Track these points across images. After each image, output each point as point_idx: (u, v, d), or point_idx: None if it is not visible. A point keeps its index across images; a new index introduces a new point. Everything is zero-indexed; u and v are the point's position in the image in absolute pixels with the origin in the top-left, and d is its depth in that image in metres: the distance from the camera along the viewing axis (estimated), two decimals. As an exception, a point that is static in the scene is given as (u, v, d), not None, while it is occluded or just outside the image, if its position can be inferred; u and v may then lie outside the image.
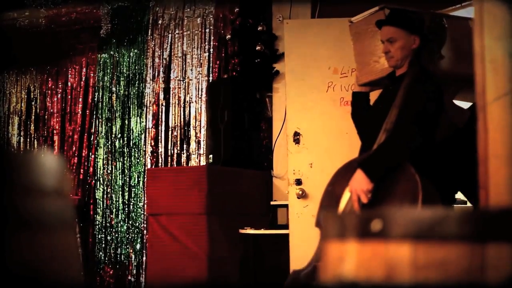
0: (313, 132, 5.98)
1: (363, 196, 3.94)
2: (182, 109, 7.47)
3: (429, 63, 4.36)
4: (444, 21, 4.43)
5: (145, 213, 7.41)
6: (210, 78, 7.34)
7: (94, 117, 8.00)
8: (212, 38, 7.40)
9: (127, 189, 7.68)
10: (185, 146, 7.44)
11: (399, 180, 3.91)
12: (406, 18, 4.36)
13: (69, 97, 8.21)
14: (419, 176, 3.79)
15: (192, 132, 7.40)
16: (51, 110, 8.33)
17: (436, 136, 4.38)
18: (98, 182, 7.86)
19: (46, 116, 8.39)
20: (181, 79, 7.51)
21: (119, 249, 7.67)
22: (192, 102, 7.45)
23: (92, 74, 8.09)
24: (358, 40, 5.08)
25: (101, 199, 7.82)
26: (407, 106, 4.08)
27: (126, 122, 7.78)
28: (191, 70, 7.47)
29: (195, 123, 7.40)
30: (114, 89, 7.91)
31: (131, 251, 7.58)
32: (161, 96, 7.60)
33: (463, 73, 4.70)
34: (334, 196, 4.13)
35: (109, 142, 7.84)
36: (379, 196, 3.94)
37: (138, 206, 7.59)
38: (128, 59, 7.84)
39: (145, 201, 7.29)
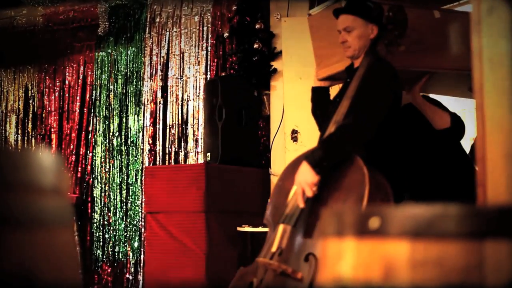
0: (311, 130, 5.97)
1: (308, 189, 3.77)
2: (179, 107, 7.47)
3: (387, 54, 4.21)
4: (405, 11, 4.27)
5: (143, 211, 7.42)
6: (208, 76, 7.34)
7: (92, 115, 8.00)
8: (209, 36, 7.40)
9: (125, 187, 7.68)
10: (183, 144, 7.44)
11: (347, 173, 3.76)
12: (364, 6, 4.23)
13: (67, 95, 8.21)
14: (367, 169, 3.65)
15: (190, 130, 7.40)
16: (49, 108, 8.33)
17: (406, 136, 4.32)
18: (96, 180, 7.86)
19: (43, 114, 8.38)
20: (179, 77, 7.51)
21: (117, 247, 7.67)
22: (190, 100, 7.45)
23: (89, 72, 8.09)
24: (316, 33, 4.98)
25: (99, 197, 7.82)
26: (359, 97, 3.96)
27: (124, 120, 7.78)
28: (189, 68, 7.47)
29: (193, 121, 7.41)
30: (111, 87, 7.91)
31: (129, 249, 7.59)
32: (159, 94, 7.60)
33: (426, 65, 4.69)
34: (284, 190, 3.97)
35: (107, 140, 7.84)
36: (326, 189, 3.80)
37: (136, 204, 7.60)
38: (125, 57, 7.84)
39: (143, 199, 7.30)
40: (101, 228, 7.78)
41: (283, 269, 3.61)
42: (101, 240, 7.77)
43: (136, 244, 7.54)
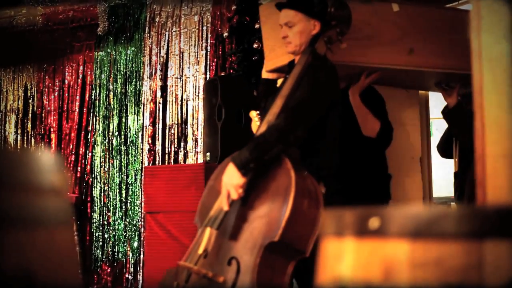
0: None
1: (233, 191, 3.63)
2: (179, 107, 7.47)
3: (327, 50, 4.07)
4: (349, 7, 4.12)
5: (142, 211, 7.42)
6: (208, 76, 7.34)
7: (91, 115, 8.00)
8: (209, 35, 7.41)
9: (124, 187, 7.68)
10: (182, 144, 7.45)
11: (275, 176, 3.62)
12: (306, 1, 4.08)
13: (66, 95, 8.21)
14: (295, 172, 3.52)
15: (190, 130, 7.40)
16: (48, 108, 8.33)
17: (345, 141, 4.20)
18: (95, 180, 7.86)
19: (43, 114, 8.39)
20: (178, 77, 7.52)
21: (116, 247, 7.67)
22: (189, 100, 7.45)
23: (89, 72, 8.09)
24: (266, 23, 4.88)
25: (99, 197, 7.82)
26: (292, 97, 3.81)
27: (124, 120, 7.78)
28: (188, 67, 7.47)
29: (192, 121, 7.41)
30: (111, 86, 7.91)
31: (128, 249, 7.59)
32: (158, 94, 7.60)
33: (376, 61, 4.61)
34: (214, 191, 3.85)
35: (106, 140, 7.84)
36: (254, 191, 3.67)
37: (135, 204, 7.60)
38: (125, 57, 7.84)
39: (143, 199, 7.30)
40: (101, 228, 7.78)
41: (203, 273, 3.58)
42: (101, 240, 7.77)
43: (135, 244, 7.55)
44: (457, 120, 5.06)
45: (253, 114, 4.52)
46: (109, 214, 7.75)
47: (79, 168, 7.96)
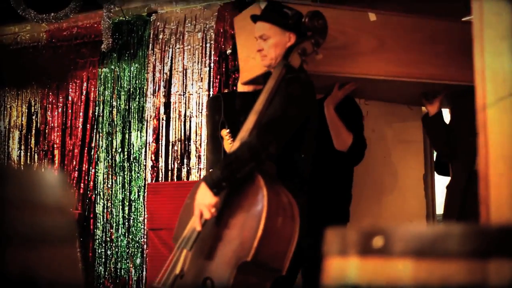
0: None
1: (206, 211, 3.59)
2: (182, 123, 7.47)
3: (303, 63, 3.99)
4: (324, 17, 4.04)
5: (145, 227, 7.40)
6: (211, 93, 7.34)
7: (95, 131, 8.00)
8: (212, 52, 7.41)
9: (127, 203, 7.67)
10: (185, 160, 7.44)
11: (248, 194, 3.56)
12: (280, 13, 4.02)
13: (70, 111, 8.21)
14: (268, 189, 3.46)
15: (193, 147, 7.40)
16: (52, 124, 8.33)
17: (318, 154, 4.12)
18: (98, 197, 7.85)
19: (46, 130, 8.39)
20: (182, 93, 7.52)
21: (119, 264, 7.65)
22: (193, 117, 7.45)
23: (93, 88, 8.09)
24: (240, 34, 4.82)
25: (101, 214, 7.81)
26: (265, 112, 3.74)
27: (127, 136, 7.78)
28: (192, 84, 7.47)
29: (196, 137, 7.40)
30: (114, 103, 7.91)
31: (131, 265, 7.57)
32: (162, 110, 7.60)
33: (352, 71, 4.52)
34: (191, 210, 3.78)
35: (110, 156, 7.84)
36: (228, 210, 3.62)
37: (138, 220, 7.58)
38: (128, 74, 7.85)
39: (145, 216, 7.29)
40: (103, 245, 7.76)
41: None
42: (103, 256, 7.75)
43: (138, 261, 7.53)
44: (435, 129, 5.03)
45: (224, 133, 4.49)
46: (112, 230, 7.73)
47: (82, 184, 7.95)
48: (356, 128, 4.89)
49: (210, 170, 3.70)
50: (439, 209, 6.39)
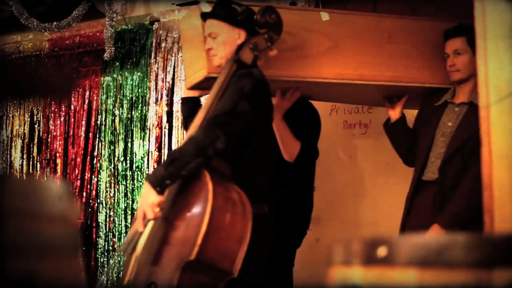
0: (317, 155, 5.97)
1: (149, 211, 3.41)
2: (185, 132, 7.47)
3: (256, 58, 3.84)
4: (278, 13, 3.89)
5: (147, 236, 7.39)
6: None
7: (97, 140, 8.00)
8: (215, 61, 7.42)
9: (129, 212, 7.66)
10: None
11: (194, 191, 3.39)
12: (230, 10, 3.89)
13: (72, 120, 8.22)
14: (214, 184, 3.30)
15: (195, 155, 7.39)
16: (54, 133, 8.34)
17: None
18: (101, 205, 7.85)
19: (49, 139, 8.39)
20: (184, 102, 7.52)
21: (121, 273, 7.64)
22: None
23: (95, 97, 8.10)
24: (184, 37, 4.67)
25: (104, 223, 7.80)
26: (215, 107, 3.62)
27: (129, 145, 7.78)
28: (194, 93, 7.48)
29: (198, 146, 7.40)
30: (117, 112, 7.91)
31: (133, 274, 7.56)
32: (164, 119, 7.60)
33: (299, 75, 4.33)
34: None
35: (112, 165, 7.83)
36: (175, 210, 3.46)
37: (140, 229, 7.57)
38: (131, 82, 7.85)
39: (148, 225, 7.29)
40: (106, 254, 7.76)
41: None
42: (106, 266, 7.74)
43: (140, 270, 7.52)
44: (396, 136, 4.83)
45: None
46: (114, 239, 7.72)
47: (84, 193, 7.95)
48: (306, 135, 4.71)
49: (155, 168, 3.54)
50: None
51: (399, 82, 4.56)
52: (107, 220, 7.79)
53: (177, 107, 7.52)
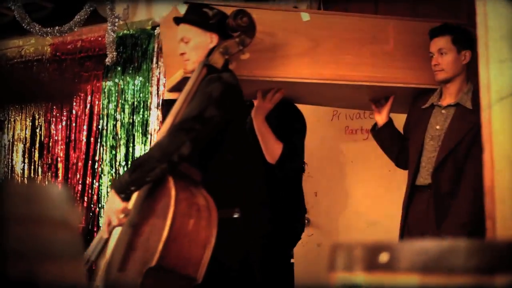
0: (318, 160, 5.97)
1: (114, 217, 3.38)
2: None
3: (227, 62, 3.80)
4: (251, 16, 3.85)
5: (149, 241, 7.39)
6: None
7: (99, 144, 8.00)
8: (216, 66, 7.42)
9: (131, 217, 7.66)
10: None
11: (159, 197, 3.36)
12: (200, 14, 3.84)
13: (74, 124, 8.22)
14: (176, 189, 3.27)
15: (197, 160, 7.39)
16: (56, 138, 8.34)
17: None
18: (102, 210, 7.84)
19: (50, 144, 8.39)
20: (186, 107, 7.52)
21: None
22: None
23: (97, 102, 8.10)
24: (165, 38, 4.64)
25: (105, 227, 7.80)
26: (183, 112, 3.58)
27: (131, 149, 7.77)
28: (196, 98, 7.48)
29: (200, 151, 7.40)
30: (118, 116, 7.91)
31: (134, 279, 7.55)
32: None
33: (279, 75, 4.26)
34: None
35: (114, 170, 7.83)
36: (141, 216, 3.42)
37: (142, 234, 7.57)
38: (133, 87, 7.85)
39: (149, 229, 7.28)
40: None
41: None
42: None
43: (142, 274, 7.51)
44: (385, 141, 4.73)
45: None
46: (115, 244, 7.72)
47: (85, 198, 7.94)
48: (289, 136, 4.62)
49: (120, 174, 3.50)
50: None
51: (382, 82, 4.47)
52: (109, 224, 7.78)
53: (178, 112, 7.53)
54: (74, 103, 8.23)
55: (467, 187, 4.12)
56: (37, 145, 8.51)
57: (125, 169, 7.71)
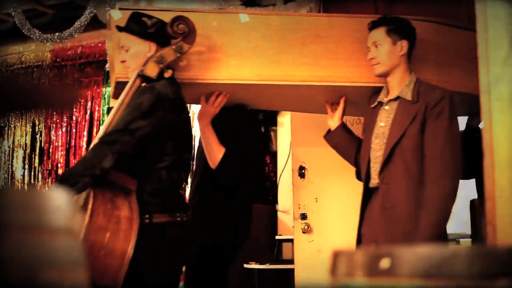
0: (319, 166, 5.95)
1: None
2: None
3: (161, 73, 3.77)
4: (188, 22, 3.84)
5: (149, 247, 7.39)
6: (215, 112, 7.34)
7: (99, 150, 8.00)
8: (217, 72, 7.43)
9: (131, 223, 7.66)
10: (190, 179, 7.43)
11: (82, 210, 3.28)
12: (139, 23, 3.86)
13: (74, 130, 8.23)
14: (93, 204, 3.24)
15: (197, 166, 7.39)
16: (56, 144, 8.34)
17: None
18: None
19: (50, 150, 8.40)
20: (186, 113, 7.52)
21: (123, 283, 7.63)
22: (196, 136, 7.44)
23: (97, 108, 8.11)
24: (110, 45, 4.59)
25: (105, 233, 7.80)
26: (112, 124, 3.56)
27: (131, 155, 7.78)
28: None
29: (200, 157, 7.40)
30: (119, 122, 7.91)
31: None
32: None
33: (210, 79, 4.19)
34: None
35: (114, 176, 7.83)
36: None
37: (142, 240, 7.57)
38: (133, 93, 7.86)
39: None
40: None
41: None
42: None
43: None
44: (339, 144, 4.53)
45: None
46: (115, 250, 7.72)
47: (86, 203, 7.95)
48: (232, 140, 4.50)
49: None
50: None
51: (324, 82, 4.31)
52: (109, 230, 7.79)
53: (179, 117, 7.53)
54: (74, 109, 8.24)
55: (431, 187, 3.90)
56: (37, 151, 8.52)
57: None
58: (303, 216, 5.79)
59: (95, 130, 8.07)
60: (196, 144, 4.65)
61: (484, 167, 2.08)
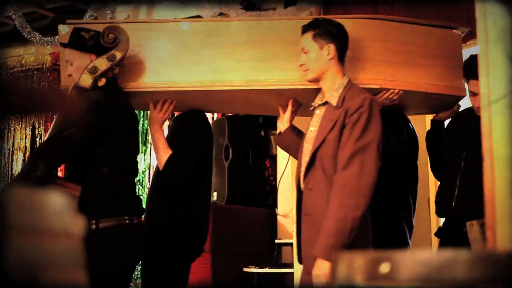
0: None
1: None
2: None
3: (94, 82, 3.91)
4: (119, 30, 4.00)
5: (148, 250, 7.38)
6: (215, 116, 7.34)
7: (99, 154, 8.00)
8: (217, 75, 7.42)
9: (131, 226, 7.66)
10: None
11: None
12: (78, 37, 4.02)
13: (74, 133, 8.23)
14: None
15: (197, 170, 7.39)
16: (56, 147, 8.34)
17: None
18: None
19: (50, 153, 8.39)
20: (186, 116, 7.52)
21: (122, 287, 7.63)
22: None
23: (97, 111, 8.10)
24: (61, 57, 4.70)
25: (105, 236, 7.80)
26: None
27: (131, 159, 7.78)
28: (196, 107, 7.48)
29: (200, 160, 7.40)
30: (119, 126, 7.91)
31: (134, 289, 7.55)
32: (166, 132, 7.59)
33: (147, 88, 4.29)
34: None
35: (114, 179, 7.83)
36: None
37: (141, 243, 7.57)
38: (133, 96, 7.86)
39: (149, 239, 7.27)
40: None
41: None
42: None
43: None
44: (287, 147, 4.50)
45: None
46: (115, 253, 7.72)
47: (85, 207, 7.94)
48: (180, 142, 4.56)
49: None
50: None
51: (263, 85, 4.30)
52: (108, 234, 7.78)
53: (179, 121, 7.53)
54: (74, 112, 8.23)
55: (332, 206, 3.79)
56: (37, 154, 8.51)
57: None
58: (303, 220, 5.76)
59: (95, 134, 8.06)
60: None
61: (484, 170, 2.08)
